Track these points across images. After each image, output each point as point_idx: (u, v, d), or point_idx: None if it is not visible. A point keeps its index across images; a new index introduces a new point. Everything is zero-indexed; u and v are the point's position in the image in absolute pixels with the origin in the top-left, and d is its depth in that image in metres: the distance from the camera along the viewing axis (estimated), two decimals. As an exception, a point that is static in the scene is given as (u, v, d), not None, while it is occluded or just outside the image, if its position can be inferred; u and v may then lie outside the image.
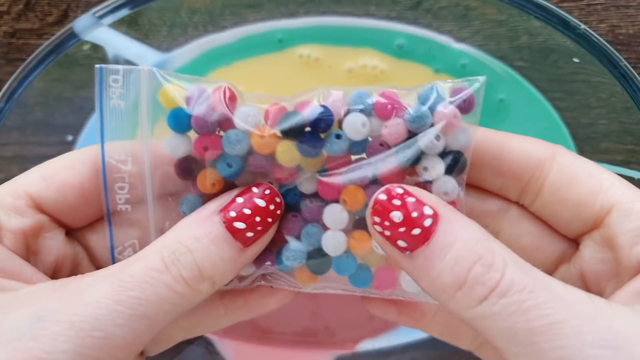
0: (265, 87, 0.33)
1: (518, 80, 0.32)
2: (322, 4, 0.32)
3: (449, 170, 0.19)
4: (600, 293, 0.19)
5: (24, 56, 0.34)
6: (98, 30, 0.32)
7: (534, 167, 0.20)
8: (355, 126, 0.19)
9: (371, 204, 0.18)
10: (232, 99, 0.20)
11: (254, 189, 0.19)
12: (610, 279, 0.19)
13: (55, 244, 0.21)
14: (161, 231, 0.20)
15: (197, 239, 0.18)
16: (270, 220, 0.19)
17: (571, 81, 0.33)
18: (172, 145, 0.20)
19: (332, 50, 0.33)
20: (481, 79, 0.20)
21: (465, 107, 0.19)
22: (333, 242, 0.20)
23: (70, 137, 0.33)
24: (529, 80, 0.33)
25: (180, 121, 0.19)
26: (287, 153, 0.19)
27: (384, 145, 0.19)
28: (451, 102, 0.19)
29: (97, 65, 0.20)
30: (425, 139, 0.19)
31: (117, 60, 0.33)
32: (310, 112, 0.19)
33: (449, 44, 0.32)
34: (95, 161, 0.20)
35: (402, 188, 0.18)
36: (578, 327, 0.15)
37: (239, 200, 0.19)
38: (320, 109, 0.19)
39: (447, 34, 0.32)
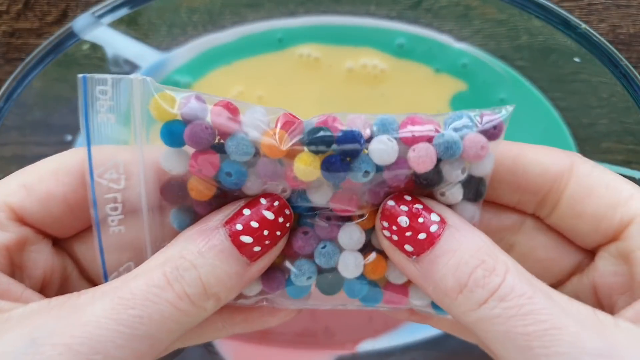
0: (265, 86, 0.33)
1: (518, 80, 0.32)
2: (322, 3, 0.32)
3: (469, 197, 0.19)
4: (612, 306, 0.19)
5: (23, 56, 0.34)
6: (97, 30, 0.32)
7: (552, 181, 0.19)
8: (382, 153, 0.17)
9: (380, 209, 0.18)
10: (234, 112, 0.18)
11: (262, 200, 0.18)
12: (622, 292, 0.19)
13: (41, 257, 0.20)
14: (158, 249, 0.19)
15: (202, 254, 0.17)
16: (279, 233, 0.18)
17: (572, 81, 0.33)
18: (168, 162, 0.18)
19: (332, 49, 0.33)
20: (509, 108, 0.19)
21: (494, 134, 0.19)
22: (352, 264, 0.19)
23: (69, 137, 0.33)
24: (530, 80, 0.33)
25: (174, 135, 0.18)
26: (308, 168, 0.18)
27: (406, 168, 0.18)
28: (480, 130, 0.18)
29: (80, 75, 0.18)
30: (450, 169, 0.18)
31: (116, 60, 0.33)
32: (342, 133, 0.17)
33: (450, 43, 0.32)
34: (80, 170, 0.19)
35: (411, 196, 0.18)
36: (576, 334, 0.15)
37: (246, 212, 0.18)
38: (353, 133, 0.17)
39: (447, 34, 0.32)
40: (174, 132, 0.18)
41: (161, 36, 0.33)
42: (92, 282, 0.21)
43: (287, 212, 0.18)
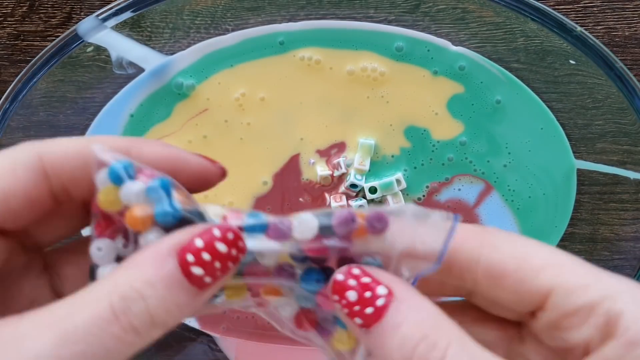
0: (267, 88, 0.33)
1: (515, 82, 0.33)
2: (322, 7, 0.33)
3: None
4: None
5: (28, 58, 0.35)
6: (101, 33, 0.32)
7: (466, 263, 0.19)
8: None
9: (331, 283, 0.18)
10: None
11: (215, 232, 0.17)
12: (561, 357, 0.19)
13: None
14: None
15: (152, 285, 0.16)
16: (231, 265, 0.17)
17: (567, 83, 0.33)
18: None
19: (332, 52, 0.33)
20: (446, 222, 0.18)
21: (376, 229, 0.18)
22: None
23: (74, 138, 0.34)
24: (526, 82, 0.33)
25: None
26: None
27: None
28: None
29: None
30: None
31: (120, 62, 0.33)
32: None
33: (447, 46, 0.33)
34: (38, 164, 0.18)
35: (360, 268, 0.18)
36: None
37: (198, 243, 0.17)
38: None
39: (444, 37, 0.33)
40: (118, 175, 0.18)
41: (164, 39, 0.33)
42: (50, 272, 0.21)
43: (241, 244, 0.18)
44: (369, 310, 0.17)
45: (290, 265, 0.19)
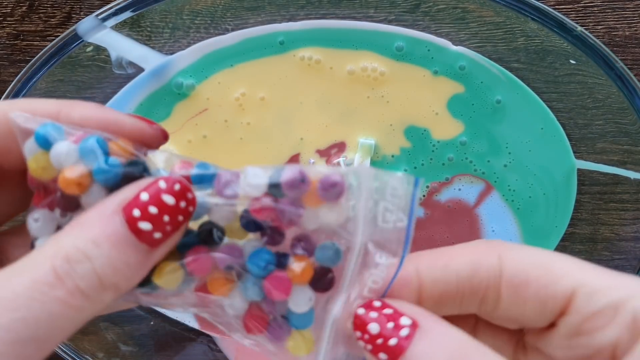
0: (267, 88, 0.33)
1: (515, 82, 0.33)
2: (322, 7, 0.33)
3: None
4: None
5: (28, 58, 0.35)
6: (101, 33, 0.32)
7: (486, 280, 0.18)
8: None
9: (351, 318, 0.17)
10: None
11: (161, 184, 0.16)
12: None
13: None
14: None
15: (97, 244, 0.15)
16: (181, 218, 0.16)
17: (568, 82, 0.33)
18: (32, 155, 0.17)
19: (332, 52, 0.33)
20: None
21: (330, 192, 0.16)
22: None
23: (73, 138, 0.34)
24: (526, 82, 0.33)
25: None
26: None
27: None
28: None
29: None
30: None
31: (120, 62, 0.33)
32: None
33: (447, 46, 0.33)
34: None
35: (380, 301, 0.17)
36: None
37: (144, 197, 0.16)
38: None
39: (445, 37, 0.33)
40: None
41: (164, 39, 0.33)
42: None
43: (190, 195, 0.17)
44: (392, 341, 0.16)
45: (237, 246, 0.17)
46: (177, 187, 0.16)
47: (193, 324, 0.35)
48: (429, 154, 0.34)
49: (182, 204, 0.16)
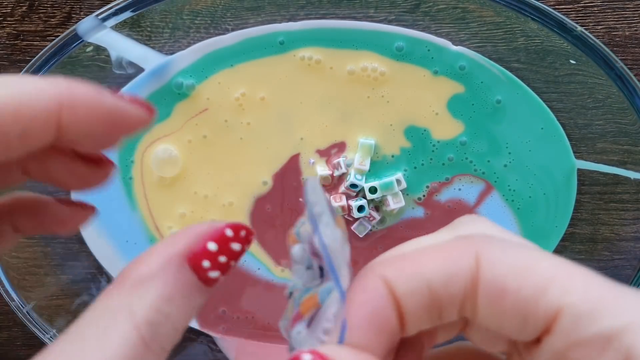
0: (267, 88, 0.33)
1: (515, 82, 0.33)
2: (322, 7, 0.33)
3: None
4: None
5: (28, 58, 0.35)
6: (101, 33, 0.32)
7: (462, 285, 0.15)
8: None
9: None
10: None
11: (228, 232, 0.16)
12: None
13: None
14: None
15: (171, 300, 0.15)
16: (240, 256, 0.17)
17: (568, 82, 0.33)
18: None
19: (333, 52, 0.33)
20: None
21: None
22: None
23: (73, 138, 0.34)
24: (526, 82, 0.33)
25: None
26: None
27: None
28: None
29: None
30: None
31: (120, 62, 0.33)
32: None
33: (447, 46, 0.33)
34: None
35: (311, 353, 0.15)
36: None
37: (212, 247, 0.16)
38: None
39: (445, 37, 0.33)
40: None
41: (164, 39, 0.33)
42: None
43: (252, 238, 0.17)
44: None
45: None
46: (242, 233, 0.17)
47: (193, 324, 0.35)
48: (429, 154, 0.34)
49: (245, 247, 0.17)
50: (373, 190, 0.33)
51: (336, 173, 0.34)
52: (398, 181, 0.33)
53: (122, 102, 0.17)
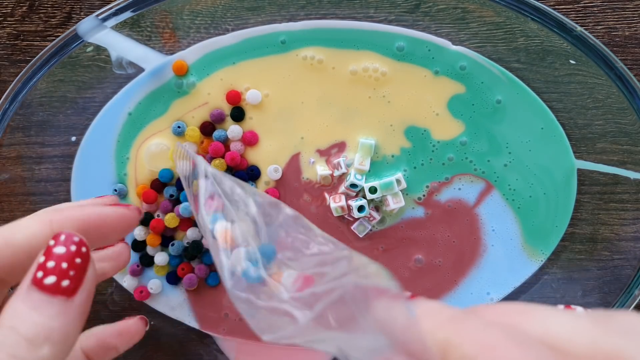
0: (270, 85, 0.33)
1: (515, 82, 0.33)
2: (322, 7, 0.33)
3: None
4: None
5: (28, 58, 0.35)
6: (101, 33, 0.32)
7: None
8: None
9: None
10: None
11: (50, 242, 0.18)
12: None
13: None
14: None
15: (15, 314, 0.17)
16: (79, 260, 0.18)
17: (568, 82, 0.33)
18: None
19: (334, 52, 0.33)
20: None
21: None
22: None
23: (73, 138, 0.34)
24: (526, 82, 0.33)
25: None
26: None
27: None
28: None
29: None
30: None
31: (120, 62, 0.33)
32: None
33: (448, 46, 0.33)
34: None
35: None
36: None
37: (40, 259, 0.18)
38: None
39: (445, 37, 0.33)
40: None
41: (164, 39, 0.33)
42: None
43: (76, 239, 0.18)
44: None
45: None
46: (62, 237, 0.18)
47: (193, 324, 0.35)
48: (429, 154, 0.34)
49: (72, 247, 0.18)
50: (373, 190, 0.33)
51: (336, 173, 0.34)
52: (398, 181, 0.33)
53: (120, 210, 0.22)
